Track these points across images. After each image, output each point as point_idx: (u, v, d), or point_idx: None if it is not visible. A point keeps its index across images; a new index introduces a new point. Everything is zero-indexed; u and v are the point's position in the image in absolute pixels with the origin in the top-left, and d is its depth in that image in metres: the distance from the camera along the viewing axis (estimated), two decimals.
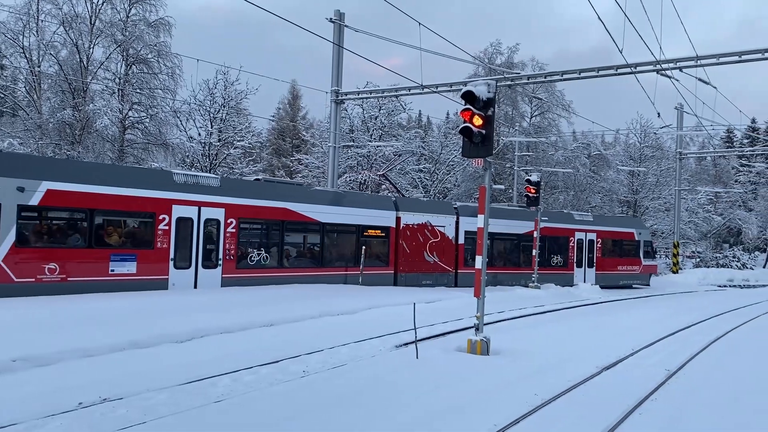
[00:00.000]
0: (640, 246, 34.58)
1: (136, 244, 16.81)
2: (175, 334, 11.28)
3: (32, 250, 14.85)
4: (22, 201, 14.62)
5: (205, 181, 18.32)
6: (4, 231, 14.33)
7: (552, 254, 29.89)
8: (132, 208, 16.59)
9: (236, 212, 18.67)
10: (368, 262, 22.48)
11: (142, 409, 7.10)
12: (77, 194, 15.52)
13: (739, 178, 69.51)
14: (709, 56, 21.94)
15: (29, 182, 14.71)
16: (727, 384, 9.56)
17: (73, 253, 15.54)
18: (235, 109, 32.34)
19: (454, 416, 7.29)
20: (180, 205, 17.39)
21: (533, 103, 50.94)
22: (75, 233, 15.84)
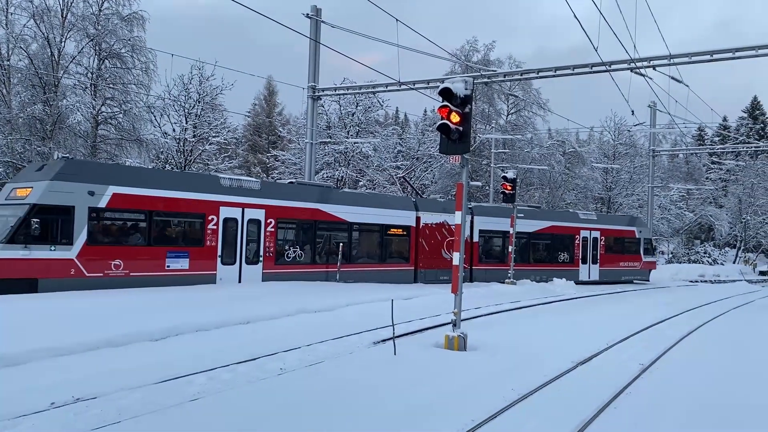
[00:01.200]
0: (641, 243, 35.99)
1: (189, 242, 18.38)
2: (150, 332, 11.15)
3: (101, 248, 16.46)
4: (92, 204, 16.31)
5: (248, 185, 20.01)
6: (78, 231, 16.03)
7: (559, 251, 31.32)
8: (185, 209, 18.25)
9: (275, 213, 20.29)
10: (390, 259, 24.14)
11: (116, 409, 7.00)
12: (138, 197, 17.22)
13: (711, 175, 70.79)
14: (682, 55, 22.29)
15: (98, 187, 16.43)
16: (698, 377, 9.73)
17: (135, 250, 17.20)
18: (210, 104, 32.02)
19: (432, 412, 7.31)
20: (226, 207, 19.03)
21: (510, 100, 51.30)
22: (136, 232, 17.47)
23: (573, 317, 16.96)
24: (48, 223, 15.66)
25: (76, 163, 17.03)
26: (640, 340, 13.46)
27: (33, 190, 15.78)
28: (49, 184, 15.73)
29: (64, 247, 15.82)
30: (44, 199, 15.61)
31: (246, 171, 48.98)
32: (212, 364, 9.19)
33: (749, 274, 54.34)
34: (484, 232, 27.84)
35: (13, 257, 15.08)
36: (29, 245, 15.29)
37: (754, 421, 7.46)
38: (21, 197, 15.85)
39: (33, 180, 16.19)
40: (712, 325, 16.75)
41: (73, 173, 16.21)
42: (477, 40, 48.96)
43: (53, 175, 15.91)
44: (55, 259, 15.68)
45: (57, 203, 15.79)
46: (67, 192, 15.91)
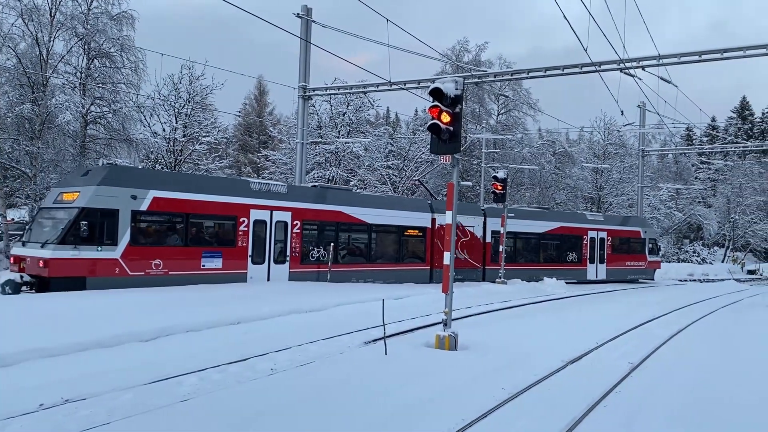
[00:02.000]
0: (646, 243, 37.06)
1: (222, 243, 19.46)
2: (140, 333, 11.10)
3: (142, 249, 17.54)
4: (135, 207, 17.39)
5: (275, 189, 21.07)
6: (121, 232, 17.11)
7: (567, 251, 32.34)
8: (218, 212, 19.31)
9: (300, 215, 21.36)
10: (407, 259, 25.11)
11: (106, 410, 6.97)
12: (176, 201, 18.31)
13: (699, 175, 71.26)
14: (671, 55, 22.43)
15: (140, 191, 17.50)
16: (687, 375, 9.81)
17: (173, 251, 18.24)
18: (200, 104, 31.88)
19: (423, 412, 7.32)
20: (256, 210, 20.08)
21: (500, 100, 51.43)
22: (174, 234, 18.52)
23: (563, 316, 17.03)
24: (95, 225, 16.68)
25: (119, 169, 18.27)
26: (630, 338, 13.53)
27: (80, 194, 16.82)
28: (96, 189, 16.75)
29: (109, 248, 16.91)
30: (92, 203, 16.62)
31: (236, 171, 48.84)
32: (203, 364, 9.17)
33: (738, 273, 54.83)
34: (496, 233, 28.40)
35: (64, 257, 16.13)
36: (78, 246, 16.32)
37: (741, 419, 7.52)
38: (69, 201, 16.93)
39: (79, 185, 17.23)
40: (701, 324, 16.87)
41: (117, 178, 17.33)
42: (468, 41, 49.12)
43: (99, 180, 16.97)
44: (101, 258, 16.76)
45: (103, 207, 16.83)
46: (112, 196, 16.97)
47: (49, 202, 18.07)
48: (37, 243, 16.68)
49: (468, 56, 48.82)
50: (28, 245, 17.18)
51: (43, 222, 17.52)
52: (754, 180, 64.68)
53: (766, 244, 64.19)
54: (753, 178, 65.16)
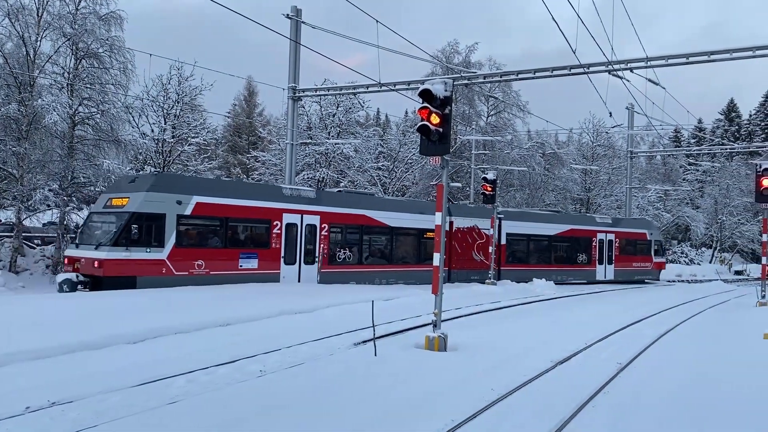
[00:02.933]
0: (651, 245, 38.34)
1: (257, 244, 20.67)
2: (128, 335, 11.03)
3: (186, 250, 18.76)
4: (180, 211, 18.65)
5: (305, 194, 22.48)
6: (168, 235, 18.32)
7: (578, 253, 33.60)
8: (254, 216, 20.53)
9: (328, 219, 22.55)
10: (427, 260, 24.98)
11: (93, 413, 6.91)
12: (216, 205, 19.54)
13: (687, 176, 71.77)
14: (659, 57, 22.57)
15: (184, 197, 18.77)
16: (675, 375, 9.86)
17: (214, 252, 19.51)
18: (189, 105, 31.72)
19: (412, 413, 7.32)
20: (288, 214, 21.29)
21: (490, 102, 51.52)
22: (215, 236, 19.80)
23: (552, 317, 17.09)
24: (144, 228, 17.92)
25: (166, 177, 20.00)
26: (618, 339, 13.60)
27: (130, 200, 18.09)
28: (145, 195, 18.03)
29: (157, 249, 18.13)
30: (141, 208, 17.90)
31: (226, 172, 48.66)
32: (192, 366, 9.12)
33: (725, 273, 55.27)
34: (511, 235, 30.12)
35: (117, 258, 17.38)
36: (129, 248, 17.57)
37: (728, 419, 7.57)
38: (120, 206, 18.18)
39: (128, 191, 18.51)
40: (689, 325, 16.99)
41: (164, 185, 18.66)
42: (458, 42, 49.12)
43: (148, 186, 18.27)
44: (150, 259, 17.97)
45: (151, 211, 18.07)
46: (159, 201, 18.21)
47: (99, 206, 19.24)
48: (91, 245, 17.90)
49: (458, 58, 48.88)
50: (82, 247, 18.32)
51: (95, 225, 18.88)
52: (740, 181, 65.20)
53: (752, 245, 64.72)
54: (740, 180, 65.69)
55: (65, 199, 24.39)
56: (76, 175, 25.06)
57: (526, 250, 31.33)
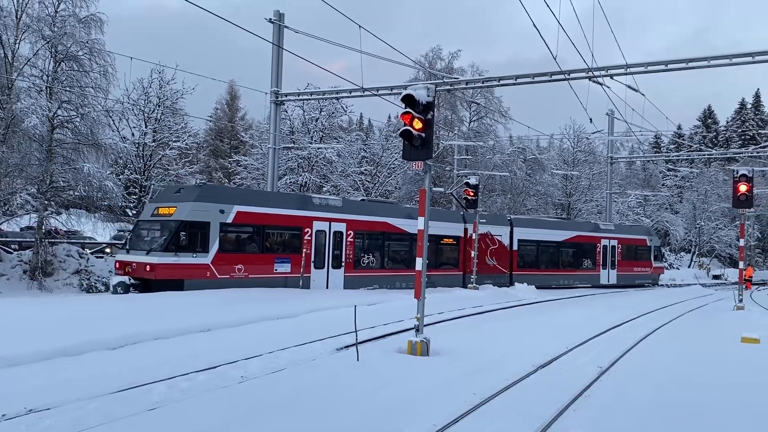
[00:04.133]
0: (651, 251, 40.33)
1: (290, 250, 22.09)
2: (107, 341, 10.89)
3: (228, 255, 20.16)
4: (222, 220, 20.08)
5: (333, 203, 24.00)
6: (212, 241, 19.76)
7: (583, 258, 35.20)
8: (288, 223, 21.98)
9: (353, 226, 23.97)
10: (443, 265, 27.69)
11: (70, 420, 6.80)
12: (254, 214, 21.01)
13: (666, 182, 72.67)
14: (638, 64, 22.84)
15: (226, 206, 20.21)
16: (654, 379, 9.95)
17: (252, 257, 20.86)
18: (170, 108, 31.48)
19: (394, 418, 7.30)
20: (318, 221, 22.75)
21: (472, 108, 51.78)
22: (252, 242, 21.22)
23: (534, 321, 17.18)
24: (191, 235, 19.38)
25: (209, 188, 21.63)
26: (599, 343, 13.70)
27: (178, 209, 19.50)
28: (192, 205, 19.47)
29: (202, 255, 19.51)
30: (189, 217, 19.34)
31: (207, 176, 48.33)
32: (172, 372, 9.02)
33: (703, 278, 55.93)
34: (523, 241, 31.71)
35: (167, 262, 18.74)
36: (178, 253, 18.96)
37: (707, 422, 7.65)
38: (168, 215, 19.62)
39: (175, 201, 19.96)
40: (668, 328, 17.16)
41: (208, 195, 20.14)
42: (441, 48, 49.38)
43: (195, 197, 19.76)
44: (196, 264, 19.34)
45: (198, 220, 19.52)
46: (204, 211, 19.62)
47: (146, 215, 20.80)
48: (142, 251, 19.27)
49: (441, 63, 49.09)
50: (132, 252, 19.69)
51: (143, 233, 20.34)
52: (718, 187, 66.16)
53: (730, 250, 65.64)
54: (717, 186, 66.65)
55: (44, 203, 24.07)
56: (55, 179, 24.75)
57: (536, 255, 32.72)
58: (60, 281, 23.11)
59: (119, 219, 29.17)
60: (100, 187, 25.10)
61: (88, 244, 31.28)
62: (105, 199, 25.62)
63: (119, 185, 27.36)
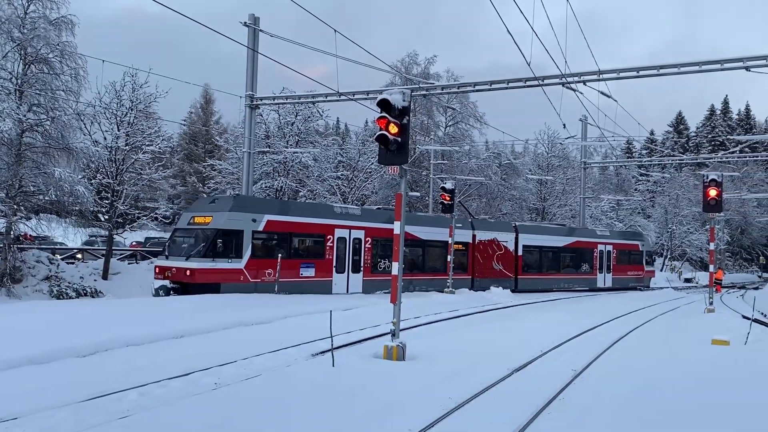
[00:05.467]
0: (643, 255, 42.10)
1: (314, 256, 23.54)
2: (77, 348, 10.68)
3: (259, 261, 21.58)
4: (254, 228, 21.55)
5: (352, 211, 25.81)
6: (245, 248, 21.22)
7: (581, 263, 36.83)
8: (312, 231, 23.47)
9: (371, 233, 25.53)
10: (453, 269, 28.20)
11: (39, 429, 6.65)
12: (283, 222, 22.53)
13: (639, 187, 73.79)
14: (610, 71, 23.15)
15: (257, 215, 21.74)
16: (627, 381, 10.07)
17: (281, 262, 21.75)
18: (143, 112, 31.02)
19: (370, 423, 7.27)
20: (339, 229, 24.24)
21: (448, 113, 52.05)
22: (281, 249, 22.41)
23: (509, 325, 17.28)
24: (226, 242, 20.79)
25: (242, 198, 23.18)
26: (573, 346, 13.83)
27: (214, 218, 21.06)
28: (228, 214, 21.01)
29: (236, 260, 20.94)
30: (225, 225, 20.85)
31: (181, 180, 47.83)
32: (144, 379, 8.88)
33: (675, 281, 56.84)
34: (527, 246, 33.26)
35: (205, 267, 20.25)
36: (215, 259, 20.48)
37: (679, 423, 7.75)
38: (204, 223, 21.16)
39: (210, 211, 21.56)
40: (641, 331, 17.38)
41: (242, 205, 21.73)
42: (417, 54, 49.59)
43: (230, 207, 21.34)
44: (231, 268, 20.77)
45: (233, 228, 20.98)
46: (238, 220, 21.10)
47: (183, 224, 22.29)
48: (181, 257, 20.73)
49: (417, 69, 49.29)
50: (171, 258, 21.13)
51: (180, 240, 21.80)
52: (689, 192, 67.33)
53: (701, 254, 66.80)
54: (688, 190, 67.84)
55: (13, 208, 23.58)
56: (24, 184, 24.28)
57: (539, 260, 34.35)
58: (29, 288, 22.68)
59: (91, 224, 28.65)
60: (71, 191, 24.67)
61: (58, 250, 30.73)
62: (76, 204, 25.17)
63: (91, 190, 26.90)
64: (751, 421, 7.86)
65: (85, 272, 25.87)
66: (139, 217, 28.92)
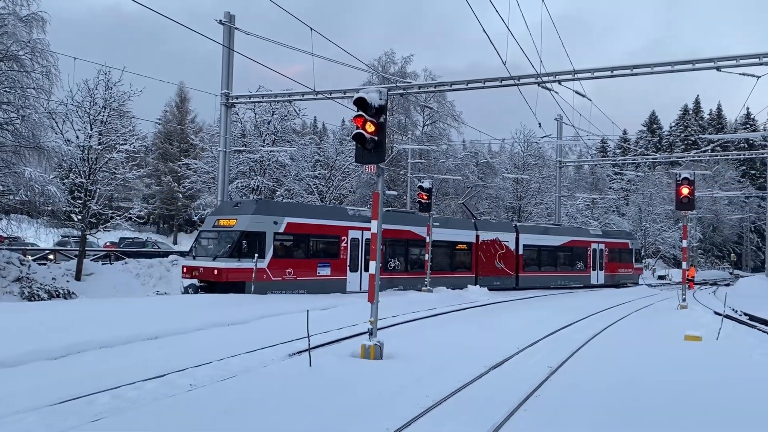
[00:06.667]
0: (633, 253, 44.05)
1: (330, 256, 24.75)
2: (48, 350, 10.48)
3: (280, 260, 22.96)
4: (275, 230, 22.89)
5: (364, 213, 26.62)
6: (267, 248, 22.50)
7: (576, 261, 38.51)
8: (328, 232, 24.68)
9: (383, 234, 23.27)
10: (457, 268, 30.99)
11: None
12: (302, 224, 23.79)
13: (613, 185, 74.71)
14: (585, 70, 23.41)
15: (278, 218, 23.05)
16: (602, 378, 10.17)
17: (299, 262, 23.67)
18: (117, 111, 30.57)
19: (346, 423, 7.25)
20: (353, 230, 25.48)
21: (425, 112, 52.19)
22: (299, 249, 23.96)
23: (486, 323, 17.36)
24: (250, 243, 22.00)
25: (264, 202, 24.55)
26: (549, 343, 13.94)
27: (238, 221, 22.35)
28: (251, 217, 22.30)
29: (260, 260, 21.97)
30: (249, 228, 22.14)
31: (156, 180, 47.24)
32: (117, 381, 8.74)
33: (649, 278, 57.61)
34: (527, 246, 34.86)
35: (232, 267, 21.49)
36: (240, 259, 21.68)
37: (653, 419, 7.85)
38: (229, 226, 22.46)
39: (234, 214, 22.84)
40: (615, 328, 17.58)
41: (264, 209, 22.99)
42: (395, 52, 49.67)
43: (253, 210, 22.56)
44: (254, 268, 21.67)
45: (256, 230, 22.25)
46: (261, 222, 22.40)
47: (208, 226, 23.73)
48: (208, 257, 22.14)
49: (394, 68, 49.38)
50: (198, 259, 22.48)
51: (206, 242, 23.17)
52: (662, 190, 68.36)
53: (674, 251, 67.87)
54: (662, 188, 68.87)
55: None
56: None
57: (538, 258, 35.97)
58: None
59: (63, 224, 28.17)
60: (43, 191, 24.26)
61: (30, 251, 30.17)
62: (48, 204, 24.75)
63: (63, 190, 26.46)
64: (722, 415, 7.98)
65: (57, 273, 25.44)
66: (113, 217, 28.48)
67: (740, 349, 13.11)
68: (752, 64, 21.08)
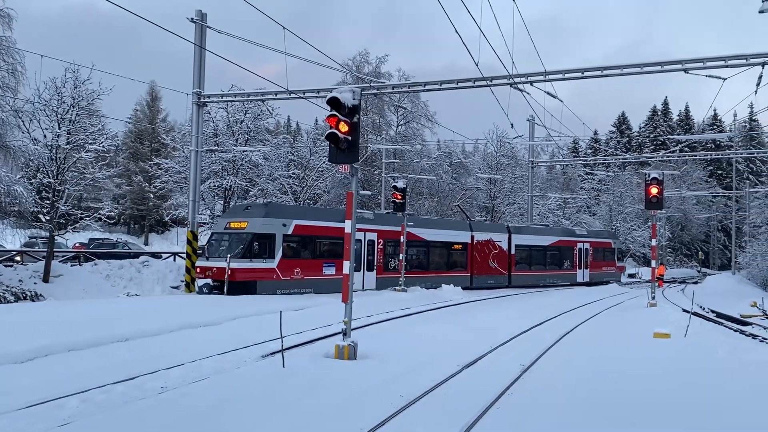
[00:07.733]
0: (616, 252, 46.18)
1: (334, 256, 25.29)
2: (14, 354, 10.26)
3: (289, 261, 24.00)
4: (284, 232, 23.90)
5: (366, 215, 27.93)
6: (277, 249, 23.57)
7: (563, 260, 40.08)
8: (332, 233, 25.04)
9: (383, 235, 28.20)
10: (453, 268, 32.22)
11: None
12: (309, 226, 24.88)
13: (584, 185, 75.65)
14: (556, 72, 23.65)
15: (287, 220, 24.10)
16: (573, 375, 10.30)
17: (307, 262, 24.74)
18: (86, 110, 30.02)
19: (320, 424, 7.23)
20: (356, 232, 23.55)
21: (399, 112, 52.25)
22: (306, 250, 25.00)
23: (460, 322, 17.44)
24: (261, 245, 23.08)
25: (273, 205, 25.76)
26: (521, 342, 14.07)
27: (249, 223, 23.37)
28: (262, 220, 23.32)
29: (270, 260, 23.23)
30: (260, 230, 23.17)
31: (126, 180, 46.52)
32: (86, 385, 8.59)
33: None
34: (519, 246, 36.25)
35: (244, 267, 22.49)
36: (252, 259, 22.80)
37: (625, 415, 7.97)
38: (241, 228, 23.45)
39: (245, 216, 23.88)
40: (586, 326, 17.83)
41: (273, 212, 24.07)
42: (369, 53, 49.62)
43: (263, 213, 23.57)
44: (265, 268, 23.09)
45: (266, 232, 23.28)
46: (271, 224, 23.43)
47: (220, 228, 24.75)
48: (221, 258, 22.72)
49: (368, 68, 49.33)
50: (211, 259, 23.34)
51: (218, 243, 24.00)
52: (632, 190, 69.41)
53: (644, 250, 68.95)
54: (631, 188, 69.94)
55: None
56: None
57: (529, 258, 37.33)
58: None
59: (31, 225, 27.57)
60: (9, 191, 23.73)
61: None
62: (14, 204, 24.23)
63: (30, 190, 25.92)
64: (686, 409, 8.13)
65: (24, 275, 24.92)
66: (82, 218, 27.99)
67: (707, 346, 13.37)
68: (718, 67, 21.49)
